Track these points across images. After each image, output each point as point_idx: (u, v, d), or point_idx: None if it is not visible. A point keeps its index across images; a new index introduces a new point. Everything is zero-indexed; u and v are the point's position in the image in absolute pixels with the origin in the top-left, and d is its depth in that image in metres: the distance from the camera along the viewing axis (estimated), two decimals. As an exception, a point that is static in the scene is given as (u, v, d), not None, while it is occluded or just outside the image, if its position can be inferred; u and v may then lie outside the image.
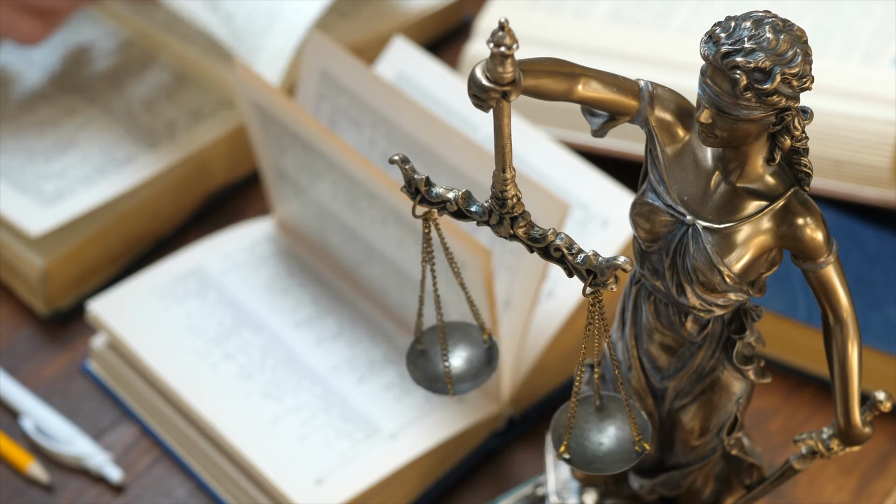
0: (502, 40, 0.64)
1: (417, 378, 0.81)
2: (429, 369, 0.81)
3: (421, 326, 0.81)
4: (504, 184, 0.70)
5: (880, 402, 0.77)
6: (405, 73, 1.11)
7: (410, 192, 0.73)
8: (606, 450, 0.76)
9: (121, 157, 1.13)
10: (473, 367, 0.81)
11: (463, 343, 0.81)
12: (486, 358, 0.81)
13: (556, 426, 0.77)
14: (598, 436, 0.77)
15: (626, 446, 0.76)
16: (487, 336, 0.81)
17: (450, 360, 0.80)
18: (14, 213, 1.09)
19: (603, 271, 0.70)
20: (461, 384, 0.80)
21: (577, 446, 0.76)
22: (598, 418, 0.77)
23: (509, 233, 0.72)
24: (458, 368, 0.81)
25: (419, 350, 0.81)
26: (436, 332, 0.81)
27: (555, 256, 0.72)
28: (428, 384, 0.81)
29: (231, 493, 1.00)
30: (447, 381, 0.80)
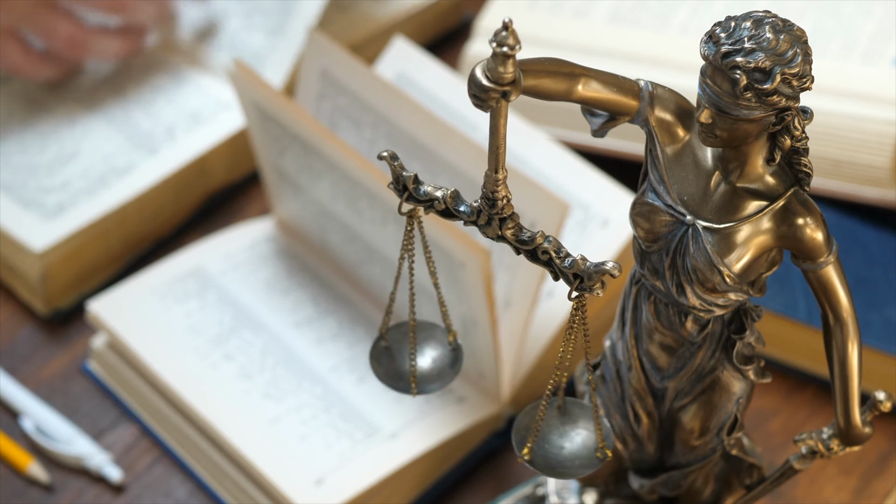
0: (505, 40, 0.64)
1: (380, 375, 0.80)
2: (392, 367, 0.81)
3: (388, 322, 0.81)
4: (496, 184, 0.70)
5: (880, 402, 0.77)
6: (405, 73, 1.11)
7: (398, 189, 0.73)
8: (568, 454, 0.76)
9: (122, 165, 1.13)
10: (437, 368, 0.81)
11: (428, 343, 0.81)
12: (451, 359, 0.81)
13: (519, 428, 0.77)
14: (559, 440, 0.76)
15: (588, 452, 0.76)
16: (453, 338, 0.81)
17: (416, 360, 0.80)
18: (17, 229, 1.09)
19: (590, 276, 0.70)
20: (426, 384, 0.80)
21: (539, 449, 0.76)
22: (561, 423, 0.77)
23: (497, 234, 0.72)
24: (423, 368, 0.80)
25: (383, 347, 0.81)
26: (401, 329, 0.81)
27: (542, 259, 0.71)
28: (390, 382, 0.80)
29: (231, 493, 1.00)
30: (412, 381, 0.80)
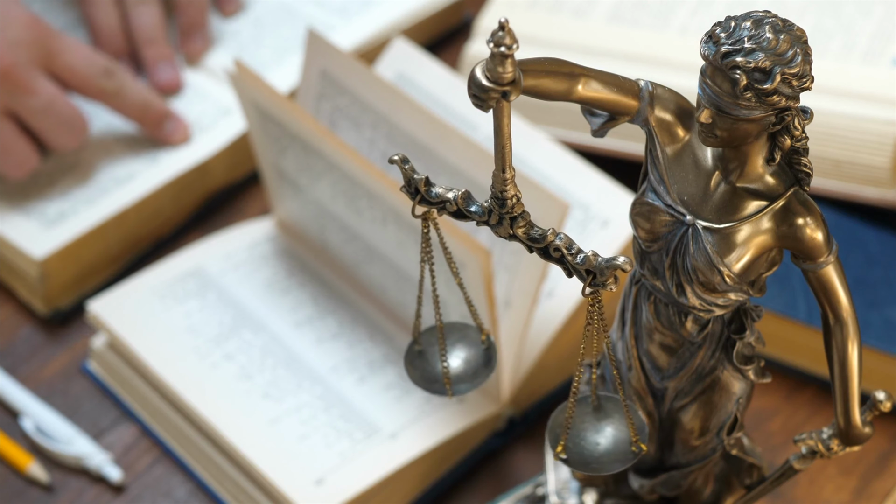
0: (502, 40, 0.64)
1: (415, 379, 0.81)
2: (427, 370, 0.81)
3: (419, 327, 0.81)
4: (504, 184, 0.70)
5: (880, 402, 0.77)
6: (405, 73, 1.11)
7: (410, 192, 0.73)
8: (603, 450, 0.76)
9: (122, 175, 1.13)
10: (471, 368, 0.81)
11: (461, 344, 0.81)
12: (485, 358, 0.81)
13: (554, 426, 0.77)
14: (595, 436, 0.76)
15: (623, 447, 0.76)
16: (486, 337, 0.81)
17: (448, 361, 0.80)
18: (18, 237, 1.09)
19: (602, 271, 0.70)
20: (459, 385, 0.80)
21: (574, 446, 0.76)
22: (596, 418, 0.77)
23: (509, 233, 0.72)
24: (456, 369, 0.81)
25: (417, 351, 0.81)
26: (434, 332, 0.81)
27: (554, 256, 0.72)
28: (426, 385, 0.81)
29: (231, 493, 1.00)
30: (446, 382, 0.80)
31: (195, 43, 1.20)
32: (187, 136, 1.15)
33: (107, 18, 1.18)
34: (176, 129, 1.14)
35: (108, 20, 1.18)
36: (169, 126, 1.14)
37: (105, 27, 1.18)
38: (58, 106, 1.09)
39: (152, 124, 1.13)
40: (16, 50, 1.08)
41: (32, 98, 1.08)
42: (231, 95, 1.17)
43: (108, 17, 1.18)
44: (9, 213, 1.11)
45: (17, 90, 1.08)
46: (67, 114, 1.10)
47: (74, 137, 1.11)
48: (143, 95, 1.13)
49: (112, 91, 1.12)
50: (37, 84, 1.09)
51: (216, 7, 1.24)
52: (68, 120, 1.10)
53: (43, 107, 1.09)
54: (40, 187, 1.12)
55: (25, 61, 1.08)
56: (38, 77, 1.09)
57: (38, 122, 1.10)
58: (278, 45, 1.21)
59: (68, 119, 1.10)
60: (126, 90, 1.12)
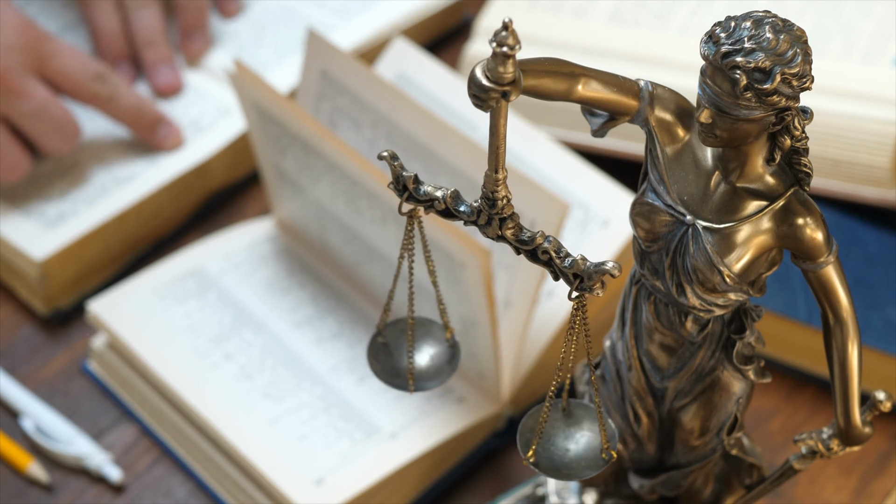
0: (505, 40, 0.64)
1: (377, 371, 0.81)
2: (389, 363, 0.81)
3: (385, 319, 0.81)
4: (496, 184, 0.70)
5: (880, 402, 0.77)
6: (405, 73, 1.11)
7: (398, 189, 0.73)
8: (573, 456, 0.76)
9: (123, 175, 1.13)
10: (435, 365, 0.81)
11: (425, 340, 0.81)
12: (449, 356, 0.81)
13: (524, 430, 0.77)
14: (564, 442, 0.76)
15: (594, 453, 0.76)
16: (450, 335, 0.81)
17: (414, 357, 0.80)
18: (18, 238, 1.09)
19: (590, 276, 0.70)
20: (424, 381, 0.80)
21: (544, 451, 0.76)
22: (566, 424, 0.77)
23: (497, 234, 0.72)
24: (420, 365, 0.81)
25: (380, 343, 0.81)
26: (398, 325, 0.81)
27: (542, 259, 0.71)
28: (388, 379, 0.80)
29: (231, 493, 1.00)
30: (409, 378, 0.80)
31: (195, 43, 1.20)
32: (180, 142, 1.14)
33: (107, 21, 1.18)
34: (169, 135, 1.14)
35: (109, 22, 1.18)
36: (162, 131, 1.13)
37: (105, 29, 1.18)
38: (50, 110, 1.09)
39: (145, 129, 1.13)
40: (8, 54, 1.08)
41: (24, 102, 1.08)
42: (231, 95, 1.17)
43: (108, 20, 1.18)
44: (9, 214, 1.11)
45: (9, 94, 1.08)
46: (60, 118, 1.10)
47: (67, 142, 1.11)
48: (136, 100, 1.13)
49: (105, 96, 1.12)
50: (29, 88, 1.08)
51: (216, 7, 1.24)
52: (61, 124, 1.10)
53: (35, 111, 1.09)
54: (40, 188, 1.12)
55: (17, 65, 1.08)
56: (30, 81, 1.09)
57: (30, 126, 1.09)
58: (278, 45, 1.21)
59: (61, 123, 1.10)
60: (119, 95, 1.12)
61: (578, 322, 0.72)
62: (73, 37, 1.22)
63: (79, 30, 1.22)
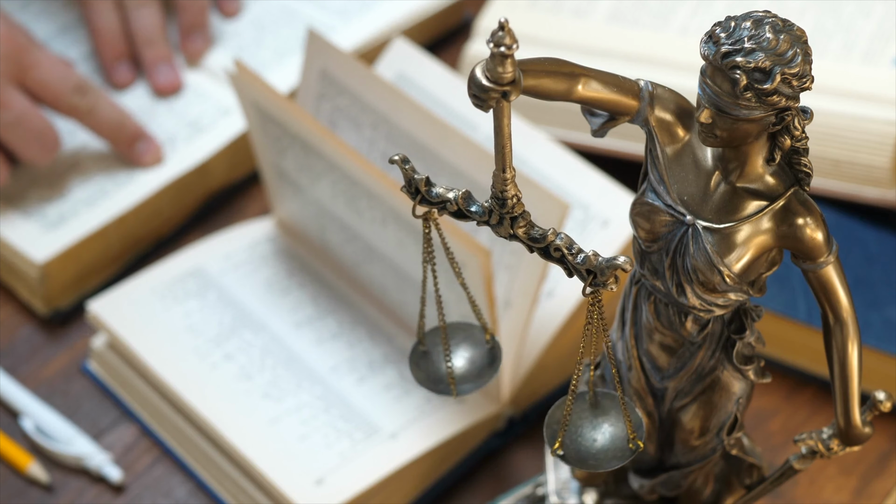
0: (502, 40, 0.64)
1: (420, 379, 0.81)
2: (431, 370, 0.81)
3: (423, 327, 0.81)
4: (504, 184, 0.70)
5: (880, 402, 0.77)
6: (405, 73, 1.11)
7: (410, 192, 0.73)
8: (600, 447, 0.76)
9: (123, 176, 1.13)
10: (476, 368, 0.81)
11: (465, 343, 0.81)
12: (489, 358, 0.81)
13: (550, 422, 0.77)
14: (591, 433, 0.76)
15: (620, 443, 0.76)
16: (490, 336, 0.81)
17: (452, 361, 0.80)
18: (18, 240, 1.09)
19: (603, 271, 0.70)
20: (464, 385, 0.80)
21: (571, 443, 0.76)
22: (593, 415, 0.77)
23: (509, 233, 0.72)
24: (460, 369, 0.81)
25: (422, 351, 0.81)
26: (438, 332, 0.81)
27: (555, 256, 0.72)
28: (431, 385, 0.81)
29: (231, 493, 1.00)
30: (450, 382, 0.80)
31: (196, 43, 1.20)
32: (159, 158, 1.14)
33: (107, 20, 1.18)
34: (147, 150, 1.13)
35: (108, 22, 1.18)
36: (141, 147, 1.13)
37: (105, 29, 1.18)
38: (29, 120, 1.09)
39: (124, 144, 1.13)
40: None
41: (3, 112, 1.08)
42: (231, 95, 1.17)
43: (107, 19, 1.18)
44: (9, 215, 1.11)
45: None
46: (39, 128, 1.10)
47: (45, 152, 1.11)
48: (116, 115, 1.12)
49: (84, 109, 1.11)
50: (8, 98, 1.08)
51: (216, 7, 1.24)
52: (40, 134, 1.10)
53: (13, 120, 1.09)
54: (40, 189, 1.12)
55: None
56: (9, 90, 1.09)
57: (8, 135, 1.09)
58: (278, 45, 1.22)
59: (40, 133, 1.10)
60: (99, 109, 1.12)
61: (595, 317, 0.72)
62: (73, 37, 1.22)
63: (78, 30, 1.22)
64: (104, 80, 1.19)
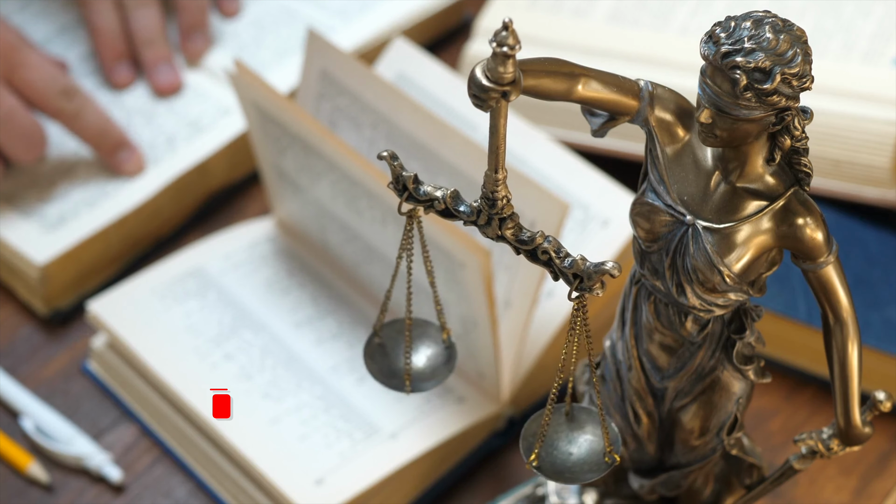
0: (505, 40, 0.64)
1: (374, 372, 0.81)
2: (386, 364, 0.81)
3: (382, 320, 0.81)
4: (495, 184, 0.70)
5: (880, 402, 0.77)
6: (405, 73, 1.11)
7: (398, 189, 0.73)
8: (576, 460, 0.76)
9: (123, 176, 1.13)
10: (432, 366, 0.81)
11: (422, 341, 0.81)
12: (445, 357, 0.81)
13: (527, 435, 0.77)
14: (567, 446, 0.76)
15: (596, 457, 0.76)
16: (447, 336, 0.81)
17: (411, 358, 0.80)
18: (18, 241, 1.09)
19: (590, 276, 0.70)
20: (421, 382, 0.80)
21: (547, 455, 0.76)
22: (569, 428, 0.77)
23: (497, 234, 0.72)
24: (417, 366, 0.80)
25: (377, 343, 0.81)
26: (395, 326, 0.81)
27: (542, 259, 0.71)
28: (384, 379, 0.80)
29: (231, 493, 1.00)
30: (406, 378, 0.80)
31: (196, 43, 1.20)
32: (141, 168, 1.13)
33: (106, 20, 1.18)
34: (129, 159, 1.12)
35: (108, 22, 1.18)
36: (123, 155, 1.12)
37: (105, 29, 1.18)
38: (15, 119, 1.09)
39: (107, 151, 1.12)
40: None
41: None
42: (231, 95, 1.17)
43: (107, 19, 1.18)
44: (9, 215, 1.11)
45: None
46: (25, 127, 1.10)
47: (31, 151, 1.11)
48: (101, 121, 1.12)
49: (69, 112, 1.11)
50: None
51: (216, 7, 1.24)
52: (26, 133, 1.10)
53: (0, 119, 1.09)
54: (40, 189, 1.12)
55: None
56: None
57: None
58: (278, 46, 1.21)
59: (26, 133, 1.10)
60: (84, 114, 1.11)
61: (579, 322, 0.72)
62: (73, 37, 1.22)
63: (78, 30, 1.22)
64: (104, 81, 1.19)
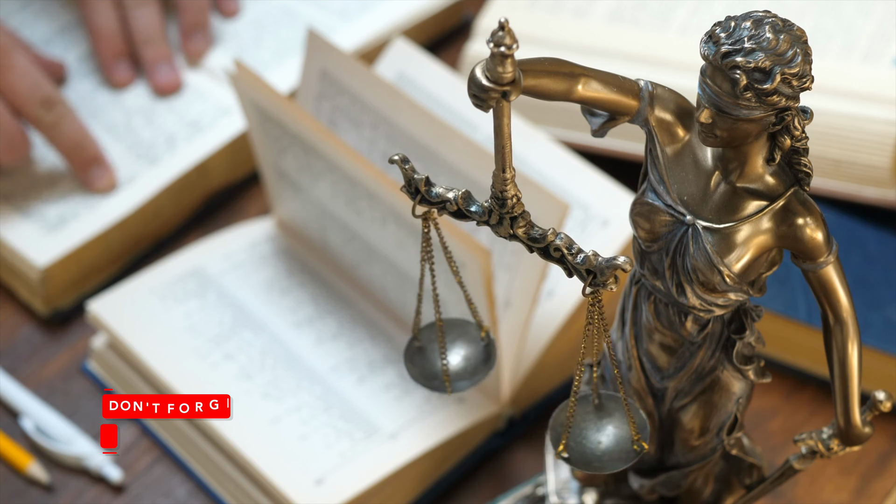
0: (502, 40, 0.64)
1: (415, 375, 0.81)
2: (426, 367, 0.81)
3: (419, 324, 0.81)
4: (504, 184, 0.70)
5: (880, 402, 0.77)
6: (405, 73, 1.11)
7: (410, 192, 0.73)
8: (605, 448, 0.76)
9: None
10: (471, 365, 0.81)
11: (460, 340, 0.81)
12: (484, 355, 0.81)
13: (555, 425, 0.77)
14: (596, 435, 0.77)
15: (625, 445, 0.76)
16: (485, 333, 0.81)
17: (448, 358, 0.80)
18: (19, 243, 1.09)
19: (603, 271, 0.70)
20: (459, 382, 0.80)
21: (576, 445, 0.76)
22: (597, 417, 0.77)
23: (509, 233, 0.72)
24: (455, 366, 0.81)
25: (416, 347, 0.81)
26: (433, 329, 0.81)
27: (554, 256, 0.72)
28: (426, 382, 0.81)
29: (231, 493, 1.00)
30: (445, 379, 0.80)
31: (197, 43, 1.20)
32: (112, 186, 1.12)
33: (105, 19, 1.18)
34: (101, 177, 1.12)
35: (108, 21, 1.18)
36: (95, 172, 1.12)
37: (104, 28, 1.18)
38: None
39: (80, 165, 1.12)
40: None
41: None
42: (231, 95, 1.17)
43: (107, 19, 1.18)
44: (10, 216, 1.11)
45: None
46: (8, 130, 1.10)
47: (13, 154, 1.11)
48: (78, 134, 1.12)
49: (47, 122, 1.11)
50: None
51: (216, 7, 1.24)
52: (7, 137, 1.10)
53: None
54: (40, 190, 1.12)
55: None
56: None
57: None
58: (278, 46, 1.22)
59: (8, 136, 1.10)
60: (62, 125, 1.11)
61: (596, 317, 0.72)
62: (72, 37, 1.22)
63: (78, 31, 1.22)
64: (103, 80, 1.19)
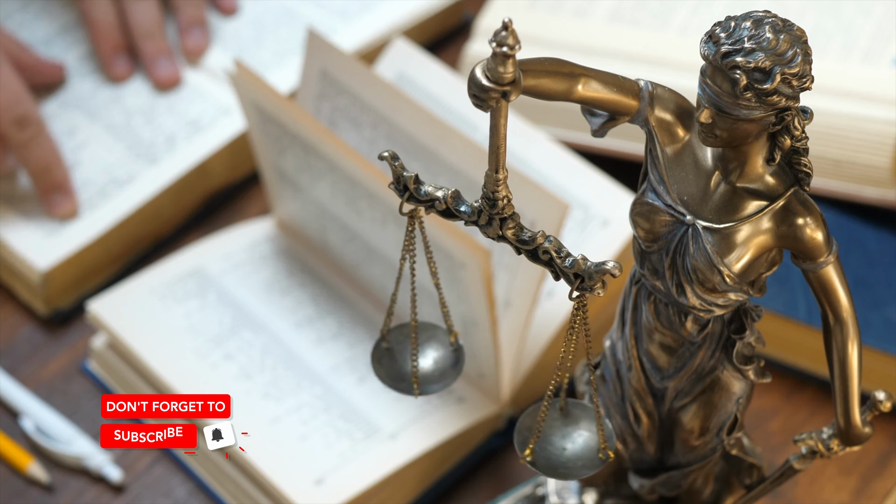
0: (505, 40, 0.64)
1: (382, 376, 0.81)
2: (394, 368, 0.81)
3: (389, 324, 0.81)
4: (496, 184, 0.70)
5: (880, 402, 0.77)
6: (405, 73, 1.11)
7: (399, 189, 0.73)
8: (570, 455, 0.76)
9: (122, 176, 1.13)
10: (440, 369, 0.81)
11: (430, 344, 0.81)
12: (453, 360, 0.81)
13: (521, 429, 0.77)
14: (561, 441, 0.77)
15: (590, 453, 0.76)
16: (454, 339, 0.81)
17: (418, 361, 0.80)
18: (20, 245, 1.09)
19: (591, 276, 0.70)
20: (428, 385, 0.80)
21: (541, 451, 0.76)
22: (563, 424, 0.77)
23: (498, 234, 0.72)
24: (425, 369, 0.80)
25: (385, 348, 0.81)
26: (402, 330, 0.81)
27: (543, 259, 0.71)
28: (393, 383, 0.80)
29: (231, 493, 1.00)
30: (414, 381, 0.80)
31: (195, 38, 1.19)
32: (73, 215, 1.11)
33: (103, 13, 1.18)
34: (62, 204, 1.11)
35: (106, 15, 1.18)
36: (57, 198, 1.11)
37: (102, 23, 1.18)
38: None
39: (44, 189, 1.11)
40: None
41: None
42: (231, 95, 1.17)
43: (105, 13, 1.18)
44: (10, 218, 1.11)
45: None
46: None
47: None
48: (48, 158, 1.11)
49: (17, 141, 1.10)
50: None
51: (214, 6, 1.24)
52: None
53: None
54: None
55: None
56: None
57: None
58: (278, 46, 1.22)
59: None
60: (32, 146, 1.11)
61: (579, 322, 0.72)
62: (72, 37, 1.22)
63: (78, 30, 1.22)
64: (103, 79, 1.19)
